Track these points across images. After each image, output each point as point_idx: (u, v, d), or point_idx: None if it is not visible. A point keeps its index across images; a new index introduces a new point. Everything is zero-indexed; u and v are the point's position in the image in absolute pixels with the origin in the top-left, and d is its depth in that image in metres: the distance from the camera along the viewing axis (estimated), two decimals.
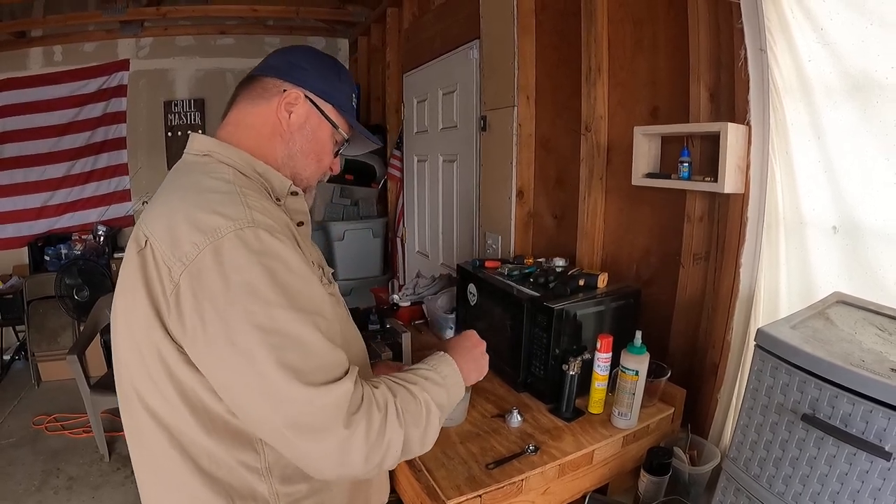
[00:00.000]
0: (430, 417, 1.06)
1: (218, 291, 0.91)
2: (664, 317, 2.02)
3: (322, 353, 0.95)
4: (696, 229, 1.88)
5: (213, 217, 0.95)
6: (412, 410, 1.03)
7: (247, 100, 1.21)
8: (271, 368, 0.90)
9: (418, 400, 1.05)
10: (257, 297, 0.92)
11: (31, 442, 4.01)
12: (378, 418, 0.96)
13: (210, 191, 1.02)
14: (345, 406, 0.92)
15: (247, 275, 0.92)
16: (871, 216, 1.43)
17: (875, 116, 1.38)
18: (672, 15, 1.94)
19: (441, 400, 1.11)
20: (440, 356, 1.22)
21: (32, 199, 5.75)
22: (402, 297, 2.81)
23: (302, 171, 1.25)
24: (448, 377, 1.17)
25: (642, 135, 1.97)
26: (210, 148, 1.14)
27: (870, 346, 1.13)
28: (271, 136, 1.20)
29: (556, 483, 1.57)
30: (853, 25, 1.40)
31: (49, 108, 5.65)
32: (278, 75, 1.21)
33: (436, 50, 3.70)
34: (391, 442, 0.97)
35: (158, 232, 0.97)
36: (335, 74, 1.28)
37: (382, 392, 1.01)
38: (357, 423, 0.93)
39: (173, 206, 1.01)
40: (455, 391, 1.18)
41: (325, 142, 1.27)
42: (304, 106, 1.22)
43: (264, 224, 0.98)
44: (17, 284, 5.27)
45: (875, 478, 0.97)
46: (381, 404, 0.98)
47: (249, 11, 5.39)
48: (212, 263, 0.92)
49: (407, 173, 4.54)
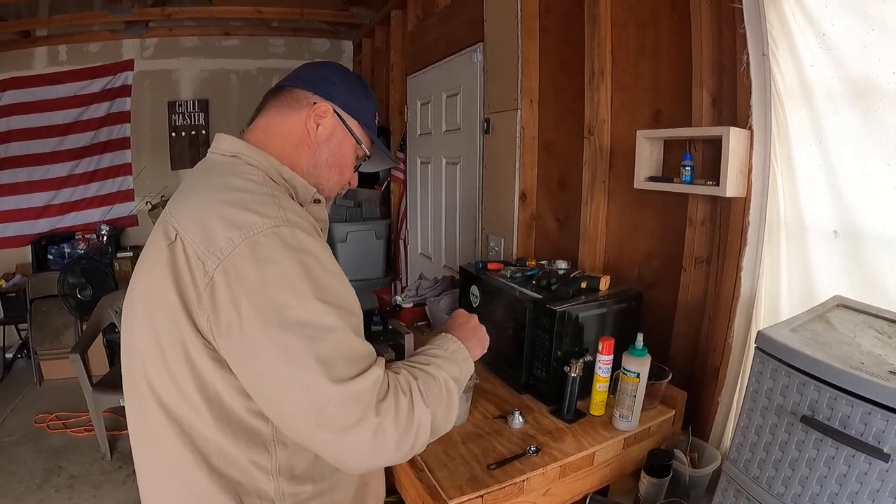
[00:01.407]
0: (450, 393, 1.09)
1: (255, 284, 0.92)
2: (666, 320, 2.03)
3: (355, 347, 0.97)
4: (697, 233, 1.88)
5: (249, 214, 0.97)
6: (434, 390, 1.05)
7: (276, 108, 1.25)
8: (308, 360, 0.91)
9: (437, 378, 1.08)
10: (294, 290, 0.94)
11: (32, 440, 4.03)
12: (405, 402, 0.97)
13: (242, 190, 1.05)
14: (374, 394, 0.94)
15: (283, 268, 0.94)
16: (871, 221, 1.43)
17: (876, 121, 1.39)
18: (675, 19, 1.95)
19: (455, 374, 1.14)
20: (442, 336, 1.25)
21: (36, 197, 5.78)
22: (405, 298, 2.83)
23: (325, 181, 1.29)
24: (456, 353, 1.20)
25: (645, 138, 1.97)
26: (239, 149, 1.17)
27: (869, 349, 1.14)
28: (298, 146, 1.23)
29: (558, 484, 1.58)
30: (855, 31, 1.40)
31: (53, 108, 5.69)
32: (309, 88, 1.25)
33: (440, 52, 3.72)
34: (420, 424, 0.99)
35: (190, 227, 0.99)
36: (363, 92, 1.33)
37: (405, 377, 1.03)
38: (387, 411, 0.94)
39: (205, 203, 1.03)
40: (465, 365, 1.21)
41: (348, 155, 1.31)
42: (332, 119, 1.25)
43: (299, 224, 1.01)
44: (20, 283, 5.31)
45: (874, 479, 0.98)
46: (405, 388, 1.00)
47: (254, 13, 5.42)
48: (248, 257, 0.93)
49: (410, 175, 4.56)
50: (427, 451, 1.58)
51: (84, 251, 5.47)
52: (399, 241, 4.90)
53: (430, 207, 4.19)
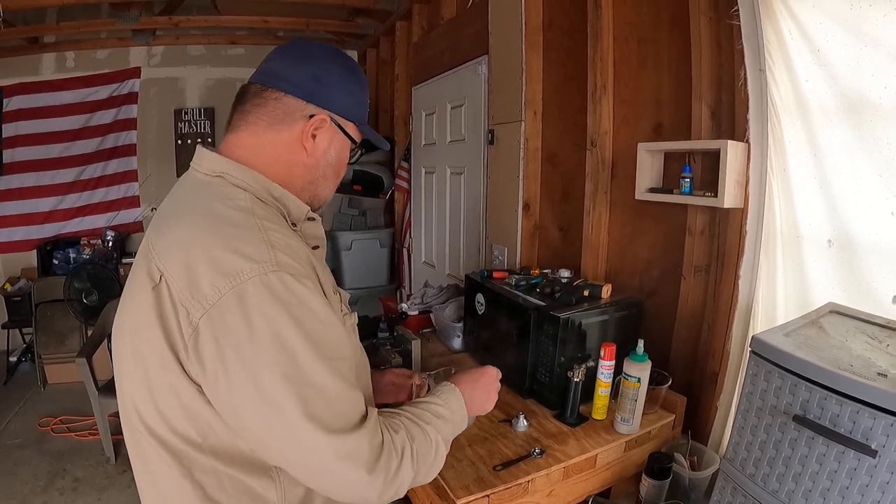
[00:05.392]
0: (437, 454, 1.10)
1: (243, 340, 0.89)
2: (666, 326, 2.07)
3: (343, 400, 0.96)
4: (696, 242, 1.93)
5: (235, 258, 0.91)
6: (424, 451, 1.06)
7: (263, 122, 1.11)
8: (298, 419, 0.90)
9: (431, 441, 1.08)
10: (285, 348, 0.90)
11: (36, 443, 4.03)
12: (395, 464, 0.99)
13: (228, 223, 0.97)
14: (366, 453, 0.95)
15: (274, 325, 0.90)
16: (864, 230, 1.48)
17: (868, 135, 1.44)
18: (675, 34, 2.00)
19: (448, 436, 1.16)
20: (451, 389, 1.25)
21: (42, 202, 5.78)
22: (411, 306, 2.85)
23: (322, 191, 1.22)
24: (456, 412, 1.21)
25: (646, 151, 2.02)
26: (223, 169, 1.07)
27: (859, 352, 1.19)
28: (292, 165, 1.14)
29: (561, 485, 1.62)
30: (848, 47, 1.46)
31: (60, 114, 5.71)
32: (303, 96, 1.11)
33: (444, 64, 3.77)
34: (403, 481, 1.01)
35: (174, 268, 0.93)
36: (358, 84, 1.21)
37: (401, 437, 1.03)
38: (378, 471, 0.96)
39: (188, 239, 0.96)
40: (460, 425, 1.23)
41: (344, 158, 1.23)
42: (330, 130, 1.15)
43: (289, 267, 0.95)
44: (25, 287, 5.32)
45: (863, 475, 1.03)
46: (398, 450, 1.00)
47: (260, 22, 5.45)
48: (236, 309, 0.89)
49: (415, 185, 4.59)
50: None
51: (89, 256, 5.48)
52: (403, 250, 4.93)
53: (434, 216, 4.23)
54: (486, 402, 1.37)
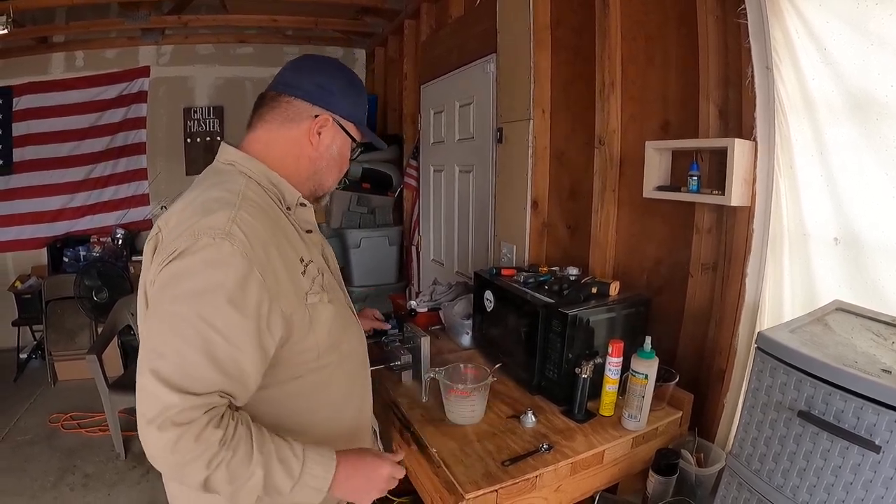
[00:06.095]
0: (248, 485, 1.07)
1: (170, 283, 1.07)
2: (673, 324, 2.08)
3: (193, 367, 1.03)
4: (704, 240, 1.94)
5: (199, 225, 1.09)
6: (236, 471, 1.05)
7: (277, 121, 1.32)
8: (152, 340, 1.06)
9: (250, 470, 1.06)
10: (189, 304, 1.05)
11: (46, 439, 4.05)
12: (191, 451, 1.01)
13: (213, 200, 1.15)
14: (170, 415, 0.99)
15: (191, 283, 1.06)
16: (870, 228, 1.49)
17: (875, 133, 1.45)
18: (683, 32, 2.01)
19: (278, 483, 1.10)
20: (328, 458, 1.18)
21: (52, 201, 5.83)
22: (420, 303, 2.87)
23: (325, 181, 1.41)
24: (313, 476, 1.14)
25: (654, 149, 2.03)
26: (235, 159, 1.29)
27: (864, 349, 1.20)
28: (299, 157, 1.33)
29: (569, 481, 1.64)
30: (855, 46, 1.46)
31: (70, 113, 5.75)
32: (309, 99, 1.32)
33: (453, 62, 3.78)
34: (190, 472, 1.03)
35: (167, 225, 1.16)
36: (357, 92, 1.40)
37: (224, 436, 1.04)
38: (167, 438, 0.99)
39: (184, 208, 1.16)
40: (304, 492, 1.14)
41: (345, 154, 1.42)
42: (333, 129, 1.35)
43: (236, 240, 1.08)
44: (35, 285, 5.36)
45: (867, 470, 1.04)
46: (202, 441, 1.01)
47: (269, 21, 5.47)
48: (179, 262, 1.07)
49: (423, 183, 4.61)
50: (444, 448, 1.65)
51: (99, 254, 5.51)
52: (412, 248, 4.95)
53: (442, 214, 4.24)
54: (360, 492, 1.27)
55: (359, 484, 1.24)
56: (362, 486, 1.25)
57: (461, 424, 1.80)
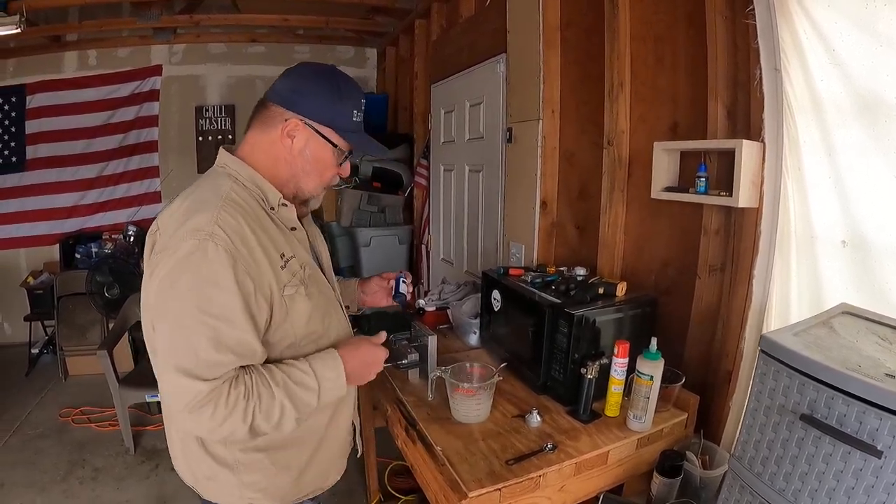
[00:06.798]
0: (283, 414, 1.28)
1: (165, 280, 1.20)
2: (680, 325, 2.07)
3: (200, 350, 1.18)
4: (711, 242, 1.93)
5: (186, 227, 1.20)
6: (267, 409, 1.25)
7: (259, 125, 1.40)
8: (166, 340, 1.21)
9: (276, 401, 1.26)
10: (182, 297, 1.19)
11: (57, 433, 4.09)
12: (221, 414, 1.19)
13: (201, 201, 1.27)
14: (193, 401, 1.17)
15: (183, 277, 1.18)
16: (878, 231, 1.48)
17: (883, 135, 1.44)
18: (692, 33, 2.00)
19: (304, 408, 1.32)
20: (334, 359, 1.40)
21: (65, 198, 5.89)
22: (428, 302, 2.88)
23: (304, 186, 1.45)
24: (325, 381, 1.36)
25: (662, 150, 2.03)
26: (226, 162, 1.39)
27: (869, 353, 1.19)
28: (277, 160, 1.39)
29: (573, 481, 1.64)
30: (863, 47, 1.45)
31: (83, 111, 5.80)
32: (281, 103, 1.37)
33: (463, 62, 3.78)
34: (234, 429, 1.23)
35: (164, 225, 1.29)
36: (336, 97, 1.40)
37: (237, 393, 1.21)
38: (203, 414, 1.18)
39: (178, 208, 1.28)
40: (330, 394, 1.38)
41: (326, 160, 1.44)
42: (305, 132, 1.38)
43: (219, 239, 1.19)
44: (47, 280, 5.42)
45: (868, 475, 1.04)
46: (230, 403, 1.20)
47: (280, 20, 5.50)
48: (170, 261, 1.19)
49: (433, 182, 4.62)
50: (449, 447, 1.66)
51: (111, 251, 5.51)
52: (421, 247, 4.96)
53: (452, 214, 4.25)
54: (364, 377, 1.52)
55: (362, 370, 1.50)
56: (364, 371, 1.51)
57: (466, 423, 1.80)
